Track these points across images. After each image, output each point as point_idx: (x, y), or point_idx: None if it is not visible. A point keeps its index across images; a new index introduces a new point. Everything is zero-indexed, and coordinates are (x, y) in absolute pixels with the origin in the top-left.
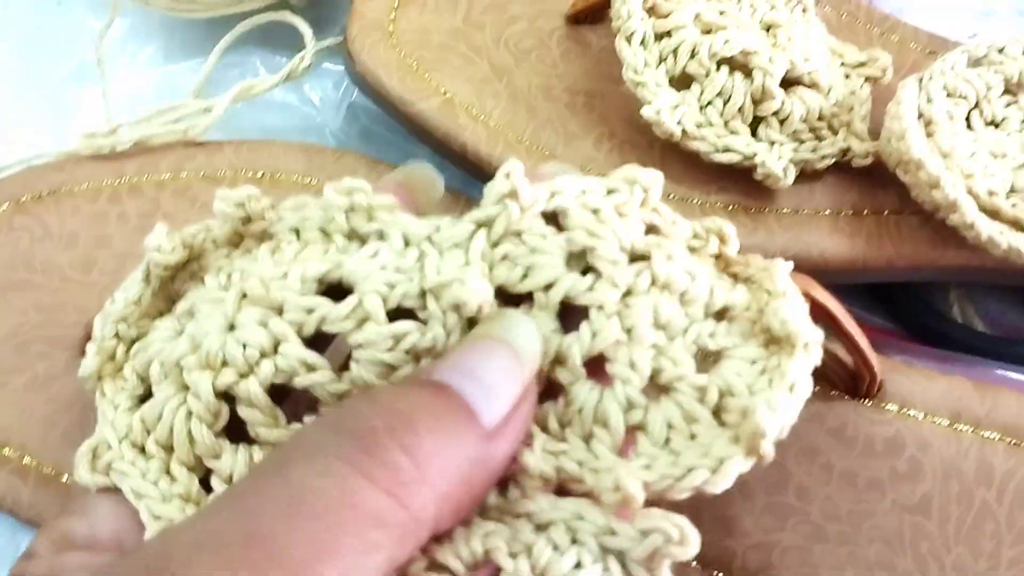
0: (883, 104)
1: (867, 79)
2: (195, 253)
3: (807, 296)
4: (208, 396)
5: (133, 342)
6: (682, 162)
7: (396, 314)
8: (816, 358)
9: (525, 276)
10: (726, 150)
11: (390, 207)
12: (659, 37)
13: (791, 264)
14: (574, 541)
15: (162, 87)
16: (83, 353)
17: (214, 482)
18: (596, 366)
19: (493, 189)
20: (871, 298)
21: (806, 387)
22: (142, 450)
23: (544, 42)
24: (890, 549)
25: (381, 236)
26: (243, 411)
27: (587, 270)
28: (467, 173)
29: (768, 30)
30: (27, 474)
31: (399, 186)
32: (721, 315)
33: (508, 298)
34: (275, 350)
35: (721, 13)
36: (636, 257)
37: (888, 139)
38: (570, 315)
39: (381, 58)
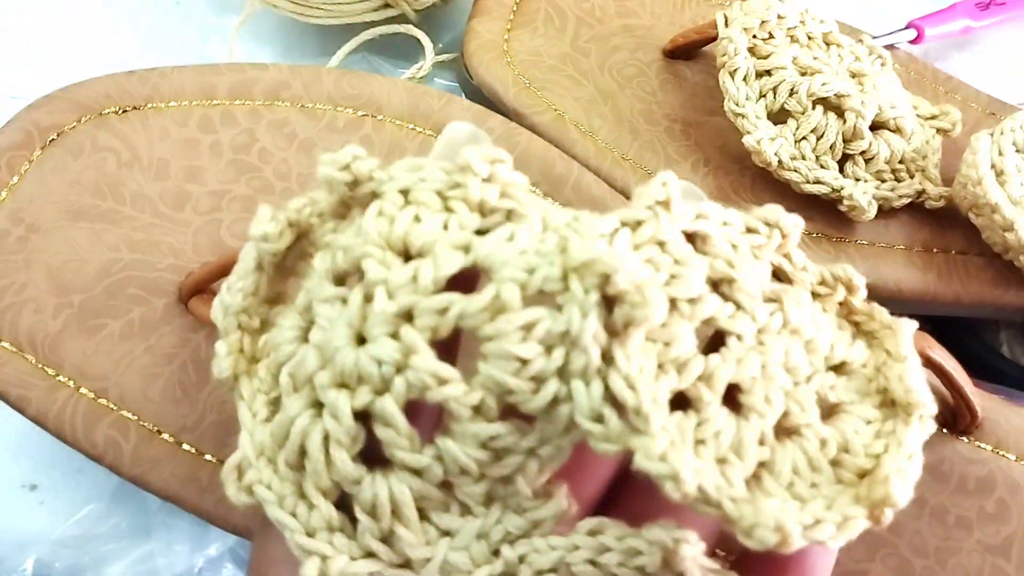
0: (949, 155)
1: (938, 131)
2: (303, 230)
3: (923, 355)
4: (348, 419)
5: (258, 331)
6: (771, 190)
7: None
8: (930, 430)
9: (668, 283)
10: (816, 182)
11: (525, 186)
12: (759, 75)
13: (915, 324)
14: None
15: None
16: (180, 300)
17: (357, 511)
18: (728, 394)
19: (646, 193)
20: (926, 330)
21: (921, 458)
22: (277, 467)
23: (644, 72)
24: None
25: (510, 216)
26: (380, 431)
27: (723, 298)
28: None
29: (854, 77)
30: (127, 430)
31: None
32: (839, 368)
33: None
34: (407, 363)
35: (815, 59)
36: (766, 299)
37: (964, 184)
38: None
39: (498, 74)
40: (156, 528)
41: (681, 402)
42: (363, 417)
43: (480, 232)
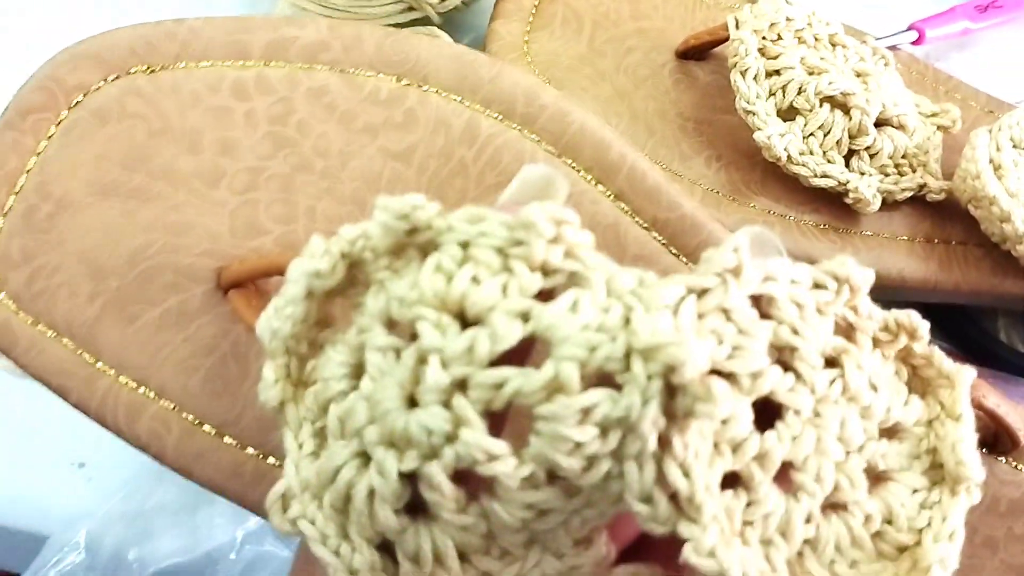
0: (950, 151)
1: (939, 128)
2: (354, 260)
3: (978, 405)
4: (394, 480)
5: (305, 356)
6: (780, 183)
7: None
8: (976, 499)
9: (731, 357)
10: (824, 176)
11: (591, 246)
12: (769, 75)
13: (974, 372)
14: None
15: None
16: (218, 287)
17: (400, 556)
18: (780, 470)
19: (716, 260)
20: (926, 317)
21: (962, 535)
22: (322, 503)
23: (658, 72)
24: None
25: (573, 279)
26: (426, 492)
27: (784, 366)
28: None
29: (859, 77)
30: (170, 421)
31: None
32: (892, 431)
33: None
34: (457, 434)
35: (821, 59)
36: (827, 360)
37: (964, 178)
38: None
39: None
40: (199, 503)
41: (732, 477)
42: (409, 475)
43: (540, 295)
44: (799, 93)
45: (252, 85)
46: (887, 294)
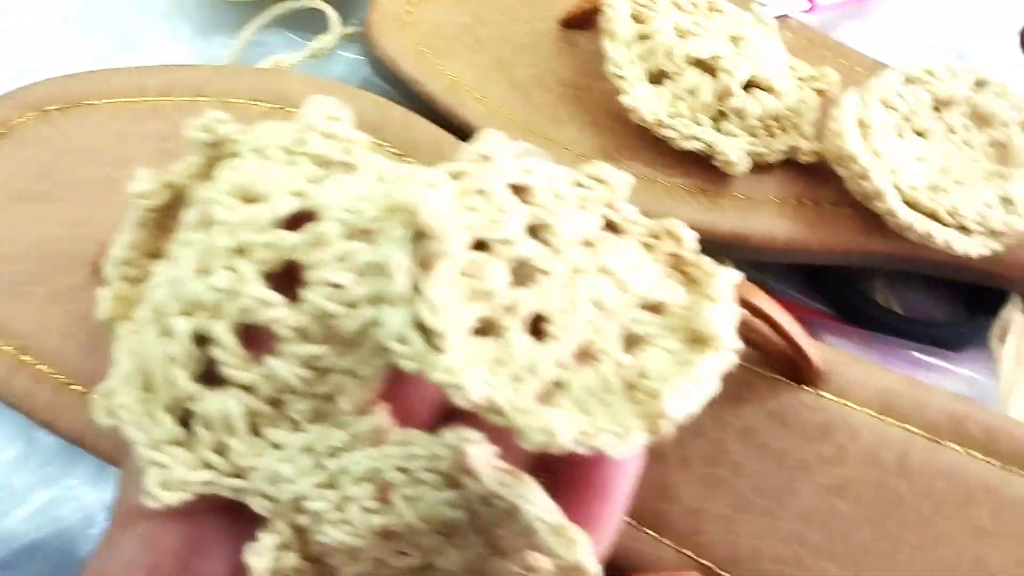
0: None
1: (817, 92)
2: (179, 190)
3: (745, 302)
4: (185, 340)
5: (138, 281)
6: (652, 148)
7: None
8: (728, 363)
9: (485, 227)
10: (692, 138)
11: (366, 144)
12: (640, 38)
13: (738, 275)
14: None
15: (196, 60)
16: (97, 271)
17: (194, 425)
18: (534, 324)
19: (470, 149)
20: (806, 283)
21: (711, 385)
22: (133, 389)
23: (540, 41)
24: (806, 525)
25: (347, 169)
26: (214, 351)
27: (542, 243)
28: None
29: (734, 41)
30: (43, 380)
31: None
32: (655, 308)
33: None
34: (238, 290)
35: (695, 23)
36: (587, 243)
37: (829, 137)
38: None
39: (397, 44)
40: (58, 479)
41: (487, 328)
42: (204, 343)
43: (318, 181)
44: (668, 56)
45: (147, 113)
46: (758, 255)
